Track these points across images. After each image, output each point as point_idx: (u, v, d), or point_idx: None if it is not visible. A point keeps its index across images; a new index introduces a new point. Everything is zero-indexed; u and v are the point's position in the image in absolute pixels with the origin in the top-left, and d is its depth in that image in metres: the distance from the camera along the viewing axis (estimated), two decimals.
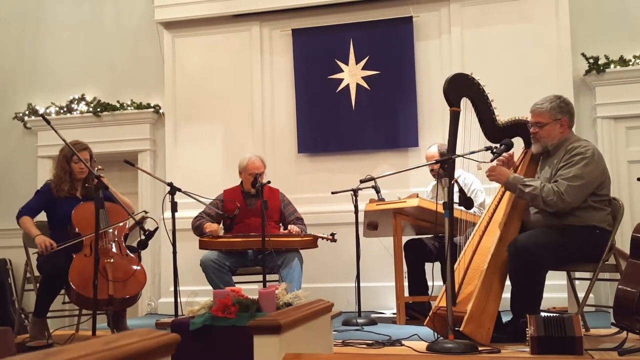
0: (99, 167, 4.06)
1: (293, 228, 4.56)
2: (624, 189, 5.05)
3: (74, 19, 6.50)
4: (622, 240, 4.27)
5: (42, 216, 4.29)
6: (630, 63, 5.18)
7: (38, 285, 4.05)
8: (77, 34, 6.48)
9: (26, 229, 4.08)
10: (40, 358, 1.03)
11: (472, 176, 4.51)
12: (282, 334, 1.86)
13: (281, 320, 1.89)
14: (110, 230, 4.04)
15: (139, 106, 6.18)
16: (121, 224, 4.10)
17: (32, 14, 6.62)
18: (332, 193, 4.63)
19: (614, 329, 3.38)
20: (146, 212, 4.18)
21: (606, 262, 3.44)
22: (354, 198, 4.47)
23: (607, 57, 5.20)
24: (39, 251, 3.93)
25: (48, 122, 3.81)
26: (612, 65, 5.18)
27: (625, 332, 3.17)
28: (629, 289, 3.03)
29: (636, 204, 4.93)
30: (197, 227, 4.65)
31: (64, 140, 3.83)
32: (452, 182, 3.27)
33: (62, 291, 4.02)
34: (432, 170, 4.62)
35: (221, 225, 4.66)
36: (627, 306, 3.01)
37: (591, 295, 3.58)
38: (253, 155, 4.77)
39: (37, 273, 4.15)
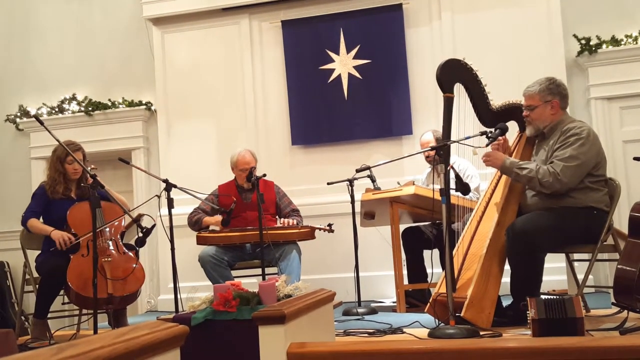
0: (92, 166, 4.03)
1: (286, 222, 4.54)
2: (620, 169, 5.06)
3: (62, 18, 6.45)
4: (620, 220, 4.29)
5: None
6: (622, 43, 5.17)
7: (37, 286, 4.04)
8: (65, 34, 6.43)
9: (38, 229, 4.04)
10: (55, 353, 1.02)
11: (466, 161, 4.50)
12: (287, 323, 1.86)
13: (285, 310, 1.89)
14: (107, 229, 4.03)
15: (131, 104, 6.15)
16: (117, 223, 4.09)
17: (20, 15, 6.56)
18: (328, 184, 4.62)
19: (615, 309, 3.39)
20: (141, 215, 4.16)
21: (604, 243, 3.45)
22: (349, 188, 4.46)
23: (598, 38, 5.19)
24: (57, 247, 3.88)
25: (41, 122, 3.78)
26: (604, 46, 5.18)
27: (625, 311, 3.18)
28: (628, 268, 3.03)
29: (633, 184, 4.95)
30: (196, 222, 4.63)
31: (58, 140, 3.80)
32: (448, 168, 3.27)
33: (62, 292, 4.00)
34: (427, 157, 4.61)
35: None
36: (627, 285, 3.02)
37: (590, 276, 3.58)
38: (243, 150, 4.74)
39: (35, 274, 4.13)
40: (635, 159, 3.46)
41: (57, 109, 6.29)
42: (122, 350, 1.06)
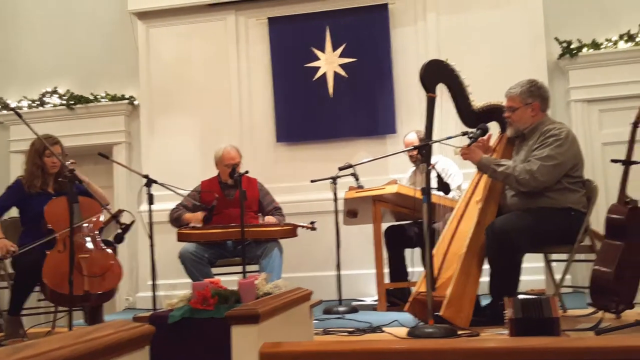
0: (72, 160, 3.97)
1: (269, 219, 4.53)
2: (598, 171, 5.10)
3: (45, 10, 6.37)
4: (598, 221, 4.32)
5: (15, 212, 4.21)
6: (603, 46, 5.22)
7: (12, 282, 3.98)
8: (49, 26, 6.35)
9: None
10: (10, 354, 0.99)
11: (449, 160, 4.53)
12: (260, 323, 1.84)
13: (259, 310, 1.87)
14: (85, 225, 3.97)
15: (113, 98, 6.09)
16: (94, 219, 4.03)
17: (1, 6, 6.47)
18: (311, 181, 4.61)
19: (591, 309, 3.43)
20: (121, 211, 4.11)
21: (581, 244, 3.48)
22: (333, 186, 4.46)
23: (579, 41, 5.24)
24: None
25: (20, 115, 3.73)
26: (584, 49, 5.22)
27: (601, 311, 3.21)
28: (604, 269, 3.07)
29: (611, 186, 4.97)
30: (176, 219, 4.59)
31: (36, 134, 3.76)
32: (430, 167, 3.28)
33: (38, 288, 3.95)
34: (411, 157, 4.63)
35: None
36: (603, 286, 3.06)
37: (568, 276, 3.62)
38: (228, 146, 4.73)
39: (11, 270, 4.07)
40: (613, 161, 3.49)
41: (38, 102, 6.22)
42: (83, 351, 1.03)
